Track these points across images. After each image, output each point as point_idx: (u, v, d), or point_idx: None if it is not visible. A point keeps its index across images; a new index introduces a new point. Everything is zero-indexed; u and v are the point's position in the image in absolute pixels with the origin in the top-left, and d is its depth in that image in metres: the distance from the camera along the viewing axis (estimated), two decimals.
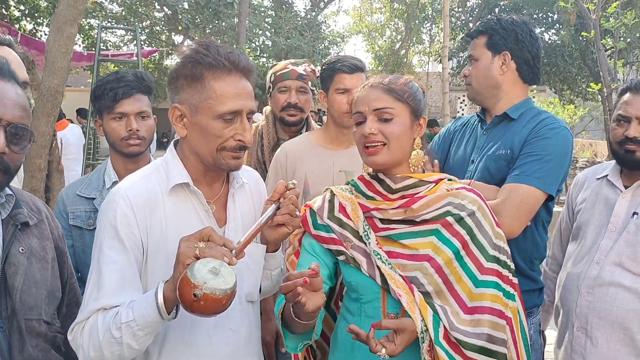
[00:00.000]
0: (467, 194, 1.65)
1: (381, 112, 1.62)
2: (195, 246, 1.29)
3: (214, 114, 1.45)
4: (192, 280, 1.21)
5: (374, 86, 1.67)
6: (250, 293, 1.63)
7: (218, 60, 1.45)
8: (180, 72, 1.49)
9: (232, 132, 1.47)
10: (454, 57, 18.41)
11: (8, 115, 1.32)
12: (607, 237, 2.01)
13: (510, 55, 2.09)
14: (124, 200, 1.47)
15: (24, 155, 1.42)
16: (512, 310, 1.63)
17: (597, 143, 19.00)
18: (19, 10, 13.52)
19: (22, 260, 1.41)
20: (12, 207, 1.43)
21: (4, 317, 1.36)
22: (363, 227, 1.65)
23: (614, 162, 2.13)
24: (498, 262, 1.64)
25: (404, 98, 1.64)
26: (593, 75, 15.07)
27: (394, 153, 1.63)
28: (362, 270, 1.62)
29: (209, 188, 1.60)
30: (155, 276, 1.47)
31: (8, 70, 1.38)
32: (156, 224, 1.49)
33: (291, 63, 2.73)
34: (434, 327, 1.51)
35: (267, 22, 18.22)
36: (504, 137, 2.08)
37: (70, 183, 2.34)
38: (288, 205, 1.55)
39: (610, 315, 1.92)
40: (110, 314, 1.38)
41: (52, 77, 3.82)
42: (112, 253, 1.44)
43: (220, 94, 1.45)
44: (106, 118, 2.17)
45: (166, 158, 1.59)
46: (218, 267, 1.25)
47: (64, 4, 3.81)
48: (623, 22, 10.53)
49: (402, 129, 1.63)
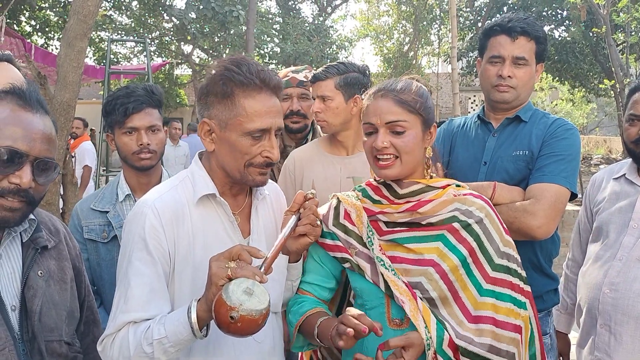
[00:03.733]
0: (474, 201, 1.63)
1: (393, 125, 1.60)
2: (226, 266, 1.30)
3: (243, 131, 1.47)
4: (228, 303, 1.23)
5: (385, 96, 1.63)
6: (275, 304, 1.64)
7: (249, 78, 1.47)
8: (211, 89, 1.50)
9: (260, 149, 1.49)
10: (463, 57, 18.32)
11: (35, 150, 1.32)
12: (630, 234, 1.99)
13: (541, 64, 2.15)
14: (152, 211, 1.48)
15: (48, 185, 1.43)
16: (524, 319, 1.61)
17: (611, 139, 18.81)
18: (30, 26, 13.74)
19: (40, 284, 1.41)
20: (33, 231, 1.44)
21: (25, 340, 1.36)
22: (367, 232, 1.64)
23: (630, 161, 2.12)
24: (509, 271, 1.62)
25: (416, 109, 1.61)
26: (605, 71, 14.93)
27: (406, 165, 1.62)
28: (367, 277, 1.61)
29: (233, 199, 1.61)
30: (183, 286, 1.50)
31: (37, 100, 1.37)
32: (183, 234, 1.51)
33: (291, 71, 2.75)
34: (437, 335, 1.50)
35: (275, 29, 18.29)
36: (519, 139, 2.09)
37: (84, 197, 2.37)
38: (309, 216, 1.58)
39: (634, 312, 1.90)
40: (141, 328, 1.40)
41: (64, 91, 3.86)
42: (141, 265, 1.45)
43: (250, 111, 1.47)
44: (117, 132, 2.20)
45: (192, 170, 1.61)
46: (251, 287, 1.26)
47: (74, 19, 3.85)
48: (634, 16, 10.42)
49: (414, 142, 1.61)
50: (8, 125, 1.29)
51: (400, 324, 1.57)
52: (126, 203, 2.22)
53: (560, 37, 16.85)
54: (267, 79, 1.50)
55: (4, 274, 1.38)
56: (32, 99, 1.36)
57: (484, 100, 2.25)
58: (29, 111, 1.34)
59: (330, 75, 2.38)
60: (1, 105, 1.32)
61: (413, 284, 1.56)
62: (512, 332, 1.56)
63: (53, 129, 1.40)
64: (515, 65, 2.07)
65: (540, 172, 1.97)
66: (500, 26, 2.09)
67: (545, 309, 2.17)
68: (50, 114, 1.42)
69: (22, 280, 1.39)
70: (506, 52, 2.06)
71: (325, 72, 2.39)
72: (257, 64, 1.53)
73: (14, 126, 1.30)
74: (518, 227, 1.87)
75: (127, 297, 1.44)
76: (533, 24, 2.07)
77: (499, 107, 2.15)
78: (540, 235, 1.90)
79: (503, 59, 2.07)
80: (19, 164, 1.29)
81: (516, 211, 1.90)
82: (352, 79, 2.37)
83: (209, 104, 1.51)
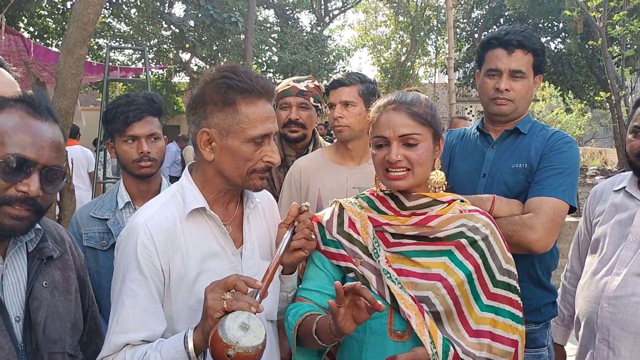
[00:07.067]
0: (480, 217, 1.65)
1: (407, 138, 1.60)
2: (222, 298, 1.29)
3: (245, 138, 1.48)
4: (224, 340, 1.22)
5: (397, 109, 1.63)
6: (270, 312, 1.64)
7: (250, 85, 1.48)
8: (210, 98, 1.50)
9: (261, 154, 1.51)
10: (460, 68, 18.40)
11: (43, 158, 1.31)
12: (628, 248, 1.98)
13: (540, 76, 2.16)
14: (144, 231, 1.48)
15: (56, 193, 1.41)
16: (521, 333, 1.62)
17: (606, 151, 18.87)
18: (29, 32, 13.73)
19: (45, 295, 1.40)
20: (38, 241, 1.43)
21: (28, 352, 1.34)
22: (372, 243, 1.64)
23: (631, 174, 2.12)
24: (509, 288, 1.63)
25: (428, 122, 1.62)
26: (601, 83, 15.01)
27: (418, 177, 1.62)
28: (372, 288, 1.60)
29: (224, 209, 1.61)
30: (179, 302, 1.50)
31: (46, 107, 1.37)
32: (177, 250, 1.51)
33: (293, 80, 2.75)
34: (443, 351, 1.49)
35: (273, 38, 18.32)
36: (517, 151, 2.10)
37: (84, 205, 2.36)
38: (303, 230, 1.57)
39: (633, 326, 1.89)
40: (138, 353, 1.41)
41: (62, 98, 3.86)
42: (134, 285, 1.46)
43: (253, 117, 1.48)
44: (118, 141, 2.20)
45: (182, 183, 1.61)
46: (247, 321, 1.26)
47: (73, 26, 3.85)
48: (629, 29, 10.51)
49: (426, 154, 1.61)
50: (17, 133, 1.28)
51: (402, 336, 1.57)
52: (126, 211, 2.22)
53: (557, 48, 16.95)
54: (265, 85, 1.52)
55: (9, 284, 1.36)
56: (41, 106, 1.35)
57: (480, 111, 2.26)
58: (38, 119, 1.33)
59: (354, 82, 2.40)
60: (11, 112, 1.31)
61: (420, 298, 1.56)
62: (507, 345, 1.57)
63: (62, 137, 1.39)
64: (513, 78, 2.08)
65: (540, 185, 1.97)
66: (497, 39, 2.10)
67: (544, 321, 2.17)
68: (59, 122, 1.41)
69: (27, 291, 1.38)
70: (503, 66, 2.07)
71: (348, 78, 2.41)
72: (252, 71, 1.55)
73: (23, 134, 1.29)
74: (517, 241, 1.87)
75: (121, 318, 1.45)
76: (530, 37, 2.08)
77: (497, 119, 2.16)
78: (539, 249, 1.91)
79: (500, 72, 2.08)
80: (27, 172, 1.29)
81: (515, 225, 1.90)
82: (372, 88, 2.41)
83: (208, 113, 1.50)
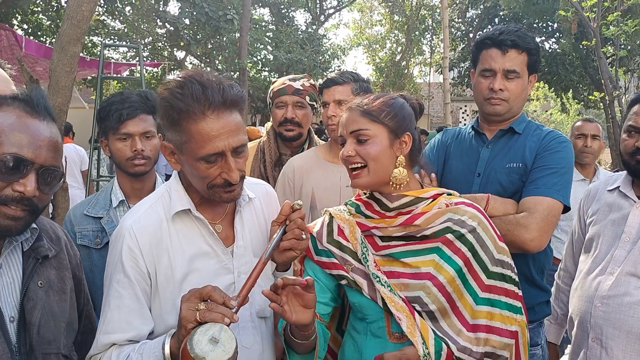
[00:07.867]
0: (466, 209, 1.64)
1: (357, 134, 1.64)
2: (196, 308, 1.28)
3: (195, 157, 1.42)
4: (192, 355, 1.21)
5: (351, 109, 1.70)
6: (262, 309, 1.63)
7: (188, 104, 1.37)
8: (161, 114, 1.46)
9: (217, 171, 1.44)
10: (455, 68, 18.44)
11: (41, 158, 1.29)
12: (621, 248, 1.99)
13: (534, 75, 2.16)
14: (129, 234, 1.50)
15: (53, 194, 1.40)
16: (520, 323, 1.63)
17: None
18: (22, 29, 13.65)
19: (40, 295, 1.39)
20: (34, 240, 1.42)
21: (22, 353, 1.33)
22: (361, 248, 1.65)
23: (625, 173, 2.12)
24: (503, 278, 1.63)
25: (380, 119, 1.64)
26: (594, 83, 15.08)
27: (376, 174, 1.64)
28: (364, 293, 1.62)
29: (212, 209, 1.60)
30: (166, 302, 1.51)
31: (44, 107, 1.34)
32: (163, 251, 1.51)
33: (289, 79, 2.73)
34: (435, 351, 1.50)
35: (268, 37, 18.30)
36: (512, 151, 2.10)
37: (78, 203, 2.35)
38: (294, 230, 1.54)
39: (626, 326, 1.89)
40: (122, 355, 1.43)
41: (56, 95, 3.85)
42: (119, 287, 1.49)
43: (198, 137, 1.39)
44: (111, 138, 2.19)
45: (170, 184, 1.61)
46: (217, 335, 1.24)
47: (68, 24, 3.84)
48: (623, 30, 10.55)
49: (378, 149, 1.63)
50: (14, 132, 1.26)
51: (400, 338, 1.58)
52: (120, 209, 2.21)
53: (551, 49, 17.03)
54: (212, 98, 1.38)
55: (4, 284, 1.35)
56: (39, 105, 1.33)
57: (475, 111, 2.27)
58: (36, 118, 1.31)
59: (347, 80, 2.40)
60: (8, 111, 1.29)
61: (412, 299, 1.56)
62: (505, 337, 1.58)
63: (59, 137, 1.37)
64: (507, 78, 2.08)
65: (534, 184, 1.97)
66: (491, 39, 2.10)
67: (537, 320, 2.18)
68: (57, 121, 1.40)
69: (21, 291, 1.37)
70: (497, 65, 2.07)
71: (342, 77, 2.40)
72: (208, 80, 1.41)
73: (20, 133, 1.27)
74: (511, 240, 1.87)
75: (107, 319, 1.48)
76: (524, 36, 2.08)
77: (492, 119, 2.16)
78: (533, 249, 1.91)
79: (494, 72, 2.08)
80: (24, 171, 1.27)
81: (509, 224, 1.90)
82: (365, 87, 2.39)
83: (165, 128, 1.48)
